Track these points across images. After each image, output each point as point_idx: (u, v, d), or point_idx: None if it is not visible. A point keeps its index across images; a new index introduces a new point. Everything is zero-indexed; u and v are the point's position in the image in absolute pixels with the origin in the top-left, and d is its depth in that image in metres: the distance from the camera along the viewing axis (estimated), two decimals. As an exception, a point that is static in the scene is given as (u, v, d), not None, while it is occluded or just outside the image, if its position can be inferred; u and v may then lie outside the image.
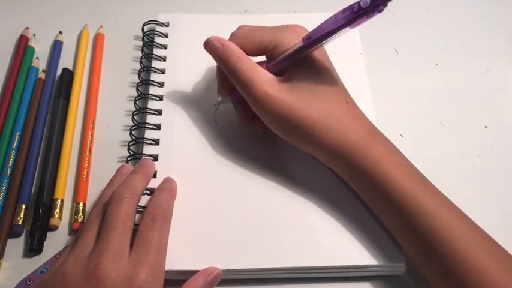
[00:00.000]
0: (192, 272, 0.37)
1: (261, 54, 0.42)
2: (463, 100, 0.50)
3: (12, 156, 0.45)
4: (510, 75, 0.53)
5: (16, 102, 0.48)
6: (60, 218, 0.42)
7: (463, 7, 0.58)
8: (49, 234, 0.42)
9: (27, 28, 0.54)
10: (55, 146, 0.45)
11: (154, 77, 0.48)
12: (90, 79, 0.51)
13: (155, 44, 0.51)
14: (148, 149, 0.44)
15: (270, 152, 0.44)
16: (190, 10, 0.56)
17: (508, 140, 0.48)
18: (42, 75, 0.51)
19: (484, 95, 0.51)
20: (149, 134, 0.45)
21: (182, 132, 0.45)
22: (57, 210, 0.42)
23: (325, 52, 0.41)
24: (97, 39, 0.54)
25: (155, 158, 0.43)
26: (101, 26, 0.55)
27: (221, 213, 0.41)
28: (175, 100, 0.47)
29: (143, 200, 0.40)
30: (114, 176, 0.41)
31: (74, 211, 0.42)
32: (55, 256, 0.40)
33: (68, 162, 0.45)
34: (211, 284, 0.37)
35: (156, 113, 0.46)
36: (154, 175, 0.42)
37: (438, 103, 0.50)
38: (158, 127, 0.45)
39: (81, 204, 0.43)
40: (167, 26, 0.52)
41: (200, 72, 0.45)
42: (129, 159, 0.44)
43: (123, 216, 0.36)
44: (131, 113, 0.46)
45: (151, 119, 0.46)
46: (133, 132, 0.45)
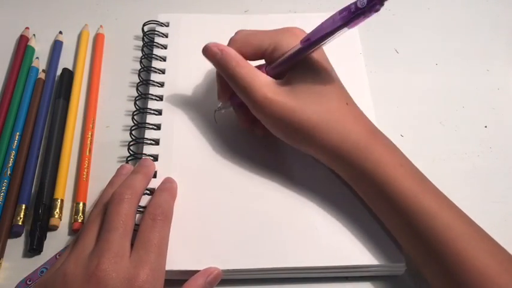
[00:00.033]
0: (192, 272, 0.37)
1: (260, 58, 0.42)
2: (463, 100, 0.50)
3: (12, 156, 0.45)
4: (510, 75, 0.53)
5: (16, 102, 0.48)
6: (60, 218, 0.42)
7: (463, 7, 0.58)
8: (49, 234, 0.42)
9: (27, 28, 0.54)
10: (55, 146, 0.45)
11: (154, 77, 0.48)
12: (90, 79, 0.51)
13: (155, 44, 0.51)
14: (148, 149, 0.44)
15: (270, 152, 0.44)
16: (190, 10, 0.56)
17: (508, 140, 0.48)
18: (42, 75, 0.51)
19: (484, 95, 0.51)
20: (149, 134, 0.45)
21: (182, 132, 0.45)
22: (57, 210, 0.42)
23: (324, 53, 0.41)
24: (97, 39, 0.54)
25: (155, 158, 0.43)
26: (101, 26, 0.55)
27: (221, 213, 0.41)
28: (175, 100, 0.47)
29: (143, 200, 0.40)
30: (114, 176, 0.41)
31: (74, 211, 0.42)
32: (55, 256, 0.40)
33: (68, 162, 0.45)
34: (211, 284, 0.37)
35: (156, 113, 0.46)
36: (154, 175, 0.42)
37: (438, 103, 0.50)
38: (158, 127, 0.45)
39: (81, 204, 0.43)
40: (167, 26, 0.52)
41: (200, 72, 0.45)
42: (129, 159, 0.44)
43: (123, 216, 0.36)
44: (131, 113, 0.46)
45: (151, 119, 0.46)
46: (133, 132, 0.45)
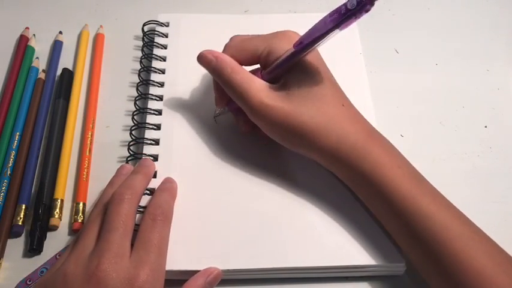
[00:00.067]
0: (192, 272, 0.37)
1: (256, 63, 0.42)
2: (463, 100, 0.50)
3: (12, 156, 0.45)
4: (510, 75, 0.53)
5: (16, 102, 0.48)
6: (60, 218, 0.42)
7: (463, 7, 0.58)
8: (49, 234, 0.42)
9: (27, 28, 0.54)
10: (55, 146, 0.45)
11: (154, 77, 0.48)
12: (90, 79, 0.51)
13: (155, 44, 0.51)
14: (148, 149, 0.44)
15: (271, 152, 0.44)
16: (190, 10, 0.56)
17: (508, 140, 0.48)
18: (42, 75, 0.51)
19: (484, 95, 0.51)
20: (149, 134, 0.45)
21: (182, 132, 0.45)
22: (57, 210, 0.42)
23: (319, 55, 0.41)
24: (97, 39, 0.54)
25: (155, 158, 0.43)
26: (101, 26, 0.55)
27: (221, 213, 0.41)
28: (175, 100, 0.47)
29: (143, 200, 0.40)
30: (114, 176, 0.41)
31: (74, 211, 0.42)
32: (55, 256, 0.40)
33: (68, 162, 0.45)
34: (211, 284, 0.37)
35: (156, 113, 0.46)
36: (154, 175, 0.42)
37: (438, 103, 0.50)
38: (158, 127, 0.45)
39: (81, 204, 0.43)
40: (167, 26, 0.52)
41: (200, 72, 0.45)
42: (129, 159, 0.44)
43: (123, 216, 0.36)
44: (131, 113, 0.46)
45: (151, 119, 0.46)
46: (133, 132, 0.45)
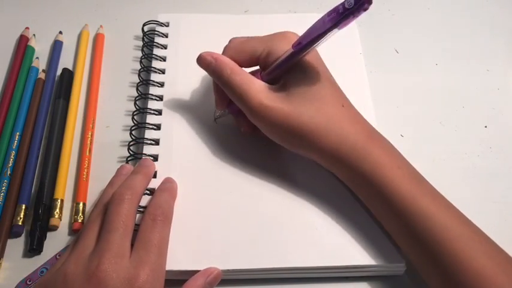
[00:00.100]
0: (192, 272, 0.37)
1: (255, 64, 0.42)
2: (463, 100, 0.50)
3: (12, 156, 0.45)
4: (510, 75, 0.53)
5: (16, 102, 0.48)
6: (60, 218, 0.42)
7: (463, 7, 0.58)
8: (49, 234, 0.41)
9: (27, 28, 0.54)
10: (55, 146, 0.45)
11: (154, 77, 0.48)
12: (90, 79, 0.51)
13: (155, 44, 0.51)
14: (148, 149, 0.44)
15: (271, 152, 0.44)
16: (190, 10, 0.56)
17: (508, 140, 0.48)
18: (42, 75, 0.51)
19: (484, 95, 0.51)
20: (149, 134, 0.45)
21: (182, 132, 0.45)
22: (57, 210, 0.42)
23: (318, 55, 0.41)
24: (97, 39, 0.54)
25: (155, 158, 0.43)
26: (101, 26, 0.55)
27: (221, 213, 0.41)
28: (175, 100, 0.47)
29: (143, 200, 0.40)
30: (114, 177, 0.41)
31: (74, 211, 0.42)
32: (55, 256, 0.40)
33: (68, 162, 0.45)
34: (211, 284, 0.37)
35: (156, 113, 0.46)
36: (154, 175, 0.42)
37: (438, 103, 0.50)
38: (158, 127, 0.45)
39: (81, 204, 0.43)
40: (167, 26, 0.52)
41: (200, 72, 0.44)
42: (129, 159, 0.44)
43: (123, 217, 0.36)
44: (131, 113, 0.46)
45: (151, 119, 0.46)
46: (133, 132, 0.45)
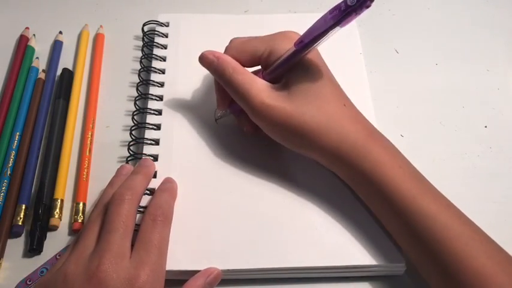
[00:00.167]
0: (192, 272, 0.37)
1: (256, 64, 0.42)
2: (463, 100, 0.50)
3: (12, 156, 0.45)
4: (510, 75, 0.53)
5: (16, 102, 0.48)
6: (60, 218, 0.42)
7: (463, 7, 0.58)
8: (49, 234, 0.41)
9: (27, 28, 0.54)
10: (55, 146, 0.45)
11: (154, 77, 0.48)
12: (90, 79, 0.51)
13: (155, 44, 0.51)
14: (148, 149, 0.44)
15: (271, 151, 0.44)
16: (190, 10, 0.56)
17: (508, 140, 0.48)
18: (42, 75, 0.51)
19: (484, 95, 0.51)
20: (149, 134, 0.45)
21: (182, 132, 0.45)
22: (57, 210, 0.42)
23: (319, 54, 0.41)
24: (97, 39, 0.54)
25: (155, 158, 0.43)
26: (101, 26, 0.55)
27: (221, 213, 0.41)
28: (175, 100, 0.47)
29: (143, 200, 0.40)
30: (114, 177, 0.41)
31: (74, 211, 0.42)
32: (55, 256, 0.40)
33: (68, 162, 0.45)
34: (211, 285, 0.37)
35: (156, 113, 0.46)
36: (154, 175, 0.42)
37: (438, 103, 0.50)
38: (158, 127, 0.45)
39: (81, 204, 0.43)
40: (167, 26, 0.52)
41: (200, 72, 0.45)
42: (129, 159, 0.44)
43: (124, 217, 0.36)
44: (131, 113, 0.46)
45: (151, 119, 0.46)
46: (133, 132, 0.45)
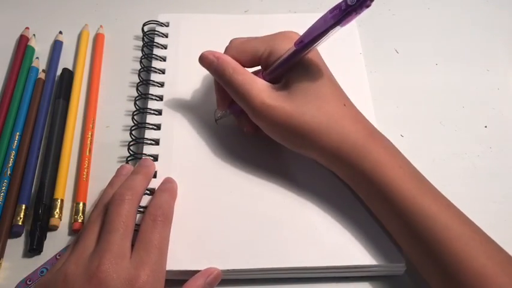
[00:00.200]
0: (193, 272, 0.37)
1: (257, 64, 0.42)
2: (463, 100, 0.50)
3: (12, 156, 0.45)
4: (510, 75, 0.53)
5: (16, 102, 0.48)
6: (60, 218, 0.42)
7: (463, 7, 0.58)
8: (49, 234, 0.41)
9: (27, 28, 0.54)
10: (55, 146, 0.45)
11: (154, 77, 0.48)
12: (90, 79, 0.51)
13: (155, 44, 0.51)
14: (148, 149, 0.44)
15: (271, 151, 0.44)
16: (190, 10, 0.56)
17: (508, 140, 0.48)
18: (42, 75, 0.51)
19: (484, 95, 0.51)
20: (149, 134, 0.45)
21: (182, 132, 0.45)
22: (57, 210, 0.42)
23: (319, 54, 0.41)
24: (97, 39, 0.54)
25: (155, 158, 0.43)
26: (101, 26, 0.55)
27: (221, 213, 0.41)
28: (175, 100, 0.47)
29: (144, 201, 0.40)
30: (114, 177, 0.41)
31: (74, 211, 0.42)
32: (55, 256, 0.40)
33: (68, 162, 0.45)
34: (211, 285, 0.37)
35: (156, 113, 0.46)
36: (154, 175, 0.42)
37: (438, 103, 0.50)
38: (158, 127, 0.45)
39: (81, 204, 0.43)
40: (167, 26, 0.52)
41: (200, 72, 0.45)
42: (129, 159, 0.44)
43: (124, 217, 0.36)
44: (131, 113, 0.46)
45: (151, 119, 0.46)
46: (133, 132, 0.45)
